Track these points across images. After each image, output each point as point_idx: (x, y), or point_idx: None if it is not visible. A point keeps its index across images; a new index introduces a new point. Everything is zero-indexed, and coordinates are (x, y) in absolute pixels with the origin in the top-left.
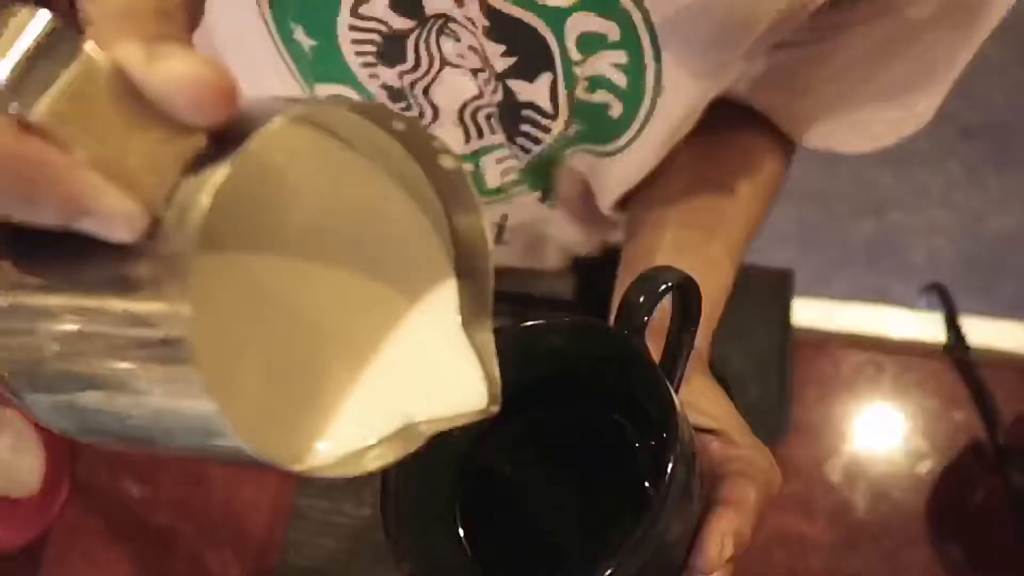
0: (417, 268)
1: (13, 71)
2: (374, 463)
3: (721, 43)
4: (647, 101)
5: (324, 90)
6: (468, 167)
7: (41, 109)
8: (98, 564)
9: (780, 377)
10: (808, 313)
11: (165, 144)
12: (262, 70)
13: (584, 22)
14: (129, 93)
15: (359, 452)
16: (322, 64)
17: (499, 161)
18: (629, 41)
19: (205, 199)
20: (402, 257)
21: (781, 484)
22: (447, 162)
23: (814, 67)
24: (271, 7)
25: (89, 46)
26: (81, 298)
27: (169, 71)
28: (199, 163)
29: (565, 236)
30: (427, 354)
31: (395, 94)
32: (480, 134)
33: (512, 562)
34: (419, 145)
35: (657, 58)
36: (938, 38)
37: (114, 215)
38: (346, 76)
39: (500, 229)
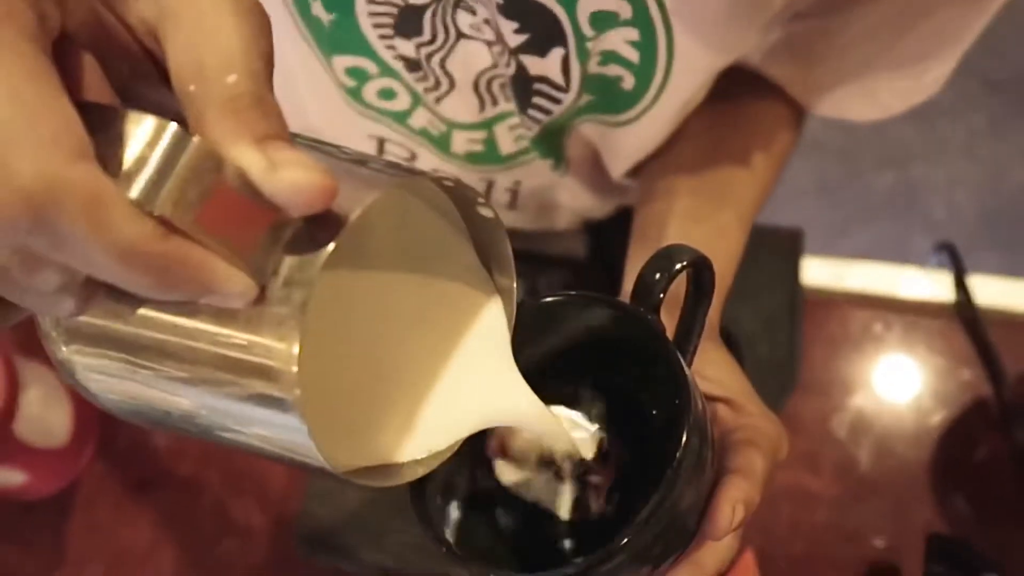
0: (471, 297)
1: (152, 179)
2: (411, 474)
3: (735, 19)
4: (659, 75)
5: (341, 61)
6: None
7: (180, 210)
8: (125, 512)
9: (789, 335)
10: (817, 272)
11: (269, 223)
12: (279, 42)
13: (596, 0)
14: (245, 188)
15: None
16: (340, 36)
17: (511, 128)
18: (641, 18)
19: (312, 274)
20: (460, 287)
21: (788, 448)
22: (486, 212)
23: (828, 38)
24: None
25: (209, 149)
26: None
27: (289, 181)
28: (298, 239)
29: (578, 203)
30: (481, 376)
31: (412, 64)
32: (494, 102)
33: (531, 527)
34: (463, 199)
35: (669, 34)
36: (952, 9)
37: (235, 293)
38: (364, 48)
39: (514, 194)
